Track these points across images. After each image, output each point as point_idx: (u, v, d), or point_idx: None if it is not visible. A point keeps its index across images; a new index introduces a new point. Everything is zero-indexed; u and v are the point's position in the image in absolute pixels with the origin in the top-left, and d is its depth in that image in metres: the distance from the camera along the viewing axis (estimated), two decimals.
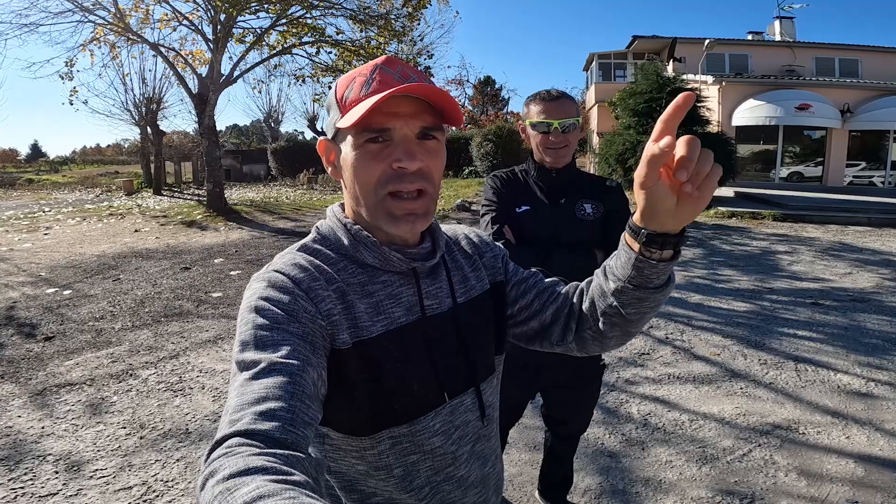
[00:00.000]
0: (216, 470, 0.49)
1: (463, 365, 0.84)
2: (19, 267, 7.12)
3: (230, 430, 0.54)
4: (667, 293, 0.76)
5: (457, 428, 0.84)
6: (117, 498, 2.29)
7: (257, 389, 0.59)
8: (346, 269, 0.79)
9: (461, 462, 0.85)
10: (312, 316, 0.71)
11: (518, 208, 1.71)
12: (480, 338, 0.88)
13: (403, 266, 0.80)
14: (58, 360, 3.86)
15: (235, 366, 0.65)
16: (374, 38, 11.45)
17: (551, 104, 1.66)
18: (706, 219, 10.50)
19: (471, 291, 0.89)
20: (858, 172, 16.96)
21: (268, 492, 0.43)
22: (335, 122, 0.76)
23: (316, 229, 0.84)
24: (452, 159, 20.89)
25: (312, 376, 0.65)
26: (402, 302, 0.80)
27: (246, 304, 0.71)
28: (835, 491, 2.29)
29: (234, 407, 0.58)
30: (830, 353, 3.82)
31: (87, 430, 2.87)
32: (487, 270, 0.93)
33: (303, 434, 0.58)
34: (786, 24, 19.73)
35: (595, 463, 2.54)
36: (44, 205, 16.37)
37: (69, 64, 10.75)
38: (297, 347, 0.66)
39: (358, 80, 0.75)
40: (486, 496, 0.91)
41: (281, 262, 0.76)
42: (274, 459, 0.50)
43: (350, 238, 0.80)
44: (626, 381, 3.41)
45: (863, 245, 8.00)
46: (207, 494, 0.46)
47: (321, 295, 0.73)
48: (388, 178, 0.74)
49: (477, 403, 0.87)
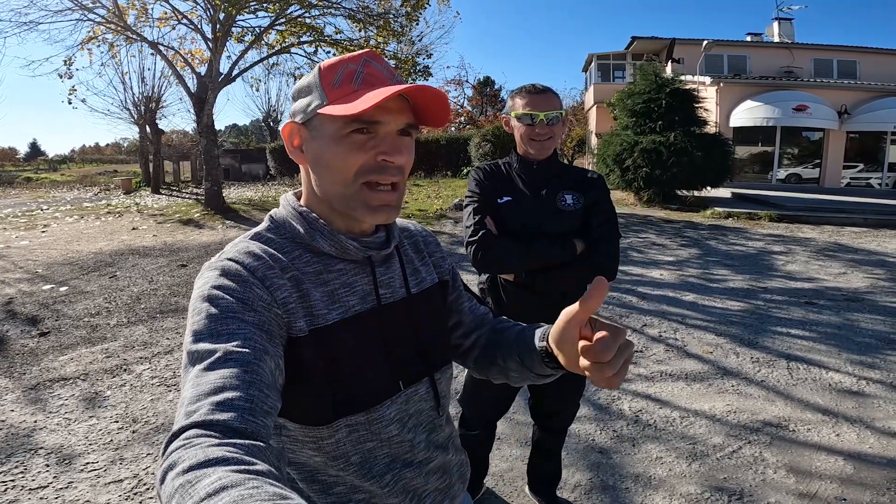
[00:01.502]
0: (175, 462, 0.47)
1: (417, 354, 0.85)
2: (16, 264, 7.12)
3: (187, 422, 0.53)
4: (547, 381, 0.87)
5: (411, 416, 0.85)
6: (108, 490, 2.30)
7: (213, 380, 0.58)
8: (300, 257, 0.78)
9: (419, 449, 0.85)
10: (268, 304, 0.70)
11: (500, 199, 1.72)
12: (433, 328, 0.90)
13: (359, 254, 0.81)
14: (52, 356, 3.86)
15: (187, 356, 0.63)
16: (373, 37, 11.45)
17: (537, 97, 1.67)
18: (703, 219, 10.52)
19: (422, 283, 0.90)
20: (856, 174, 17.00)
21: (230, 482, 0.42)
22: (314, 108, 0.75)
23: (269, 218, 0.83)
24: (451, 159, 20.91)
25: (270, 365, 0.64)
26: (357, 290, 0.80)
27: (198, 293, 0.69)
28: (824, 488, 2.30)
29: (189, 398, 0.56)
30: (823, 351, 3.84)
31: (79, 425, 2.87)
32: (435, 268, 0.95)
33: (262, 423, 0.57)
34: (784, 26, 19.78)
35: (585, 459, 2.55)
36: (42, 203, 16.36)
37: (68, 63, 10.74)
38: (253, 336, 0.65)
39: (347, 69, 0.75)
40: (450, 482, 0.91)
41: (234, 250, 0.75)
42: (234, 449, 0.49)
43: (306, 226, 0.79)
44: None
45: (858, 246, 8.02)
46: (168, 487, 0.45)
47: (276, 283, 0.73)
48: (370, 169, 0.75)
49: (432, 393, 0.87)
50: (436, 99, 0.75)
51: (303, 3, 10.60)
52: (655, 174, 11.55)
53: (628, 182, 12.13)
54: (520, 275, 1.72)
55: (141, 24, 10.86)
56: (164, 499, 0.45)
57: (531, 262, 1.66)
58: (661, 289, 5.57)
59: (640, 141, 11.85)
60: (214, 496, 0.41)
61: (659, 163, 11.46)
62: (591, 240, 1.67)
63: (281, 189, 19.05)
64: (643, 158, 11.63)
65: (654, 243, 8.12)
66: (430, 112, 0.77)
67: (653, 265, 6.69)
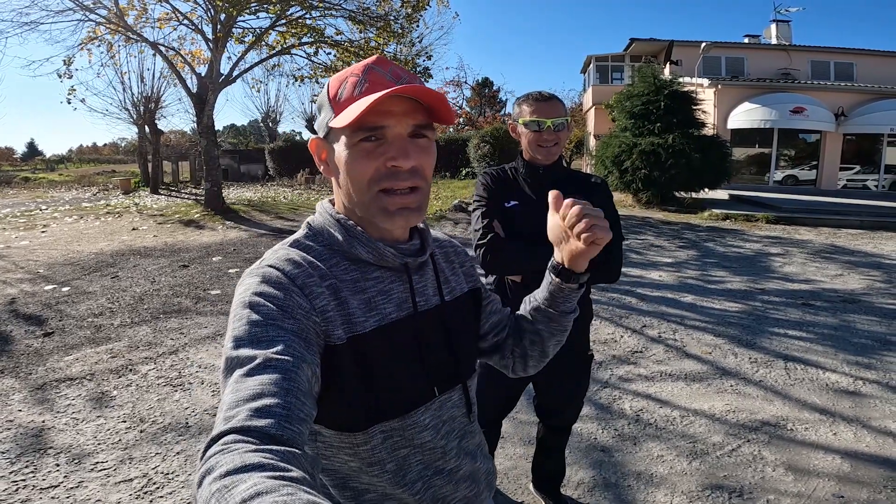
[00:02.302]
0: (213, 467, 0.48)
1: (451, 361, 0.87)
2: (17, 264, 7.13)
3: (226, 427, 0.54)
4: (570, 318, 0.97)
5: (444, 423, 0.86)
6: (118, 490, 2.33)
7: (252, 386, 0.59)
8: (338, 265, 0.79)
9: (451, 456, 0.87)
10: (307, 312, 0.71)
11: (507, 203, 1.77)
12: (465, 336, 0.92)
13: (396, 261, 0.82)
14: (57, 356, 3.89)
15: (228, 362, 0.64)
16: (374, 38, 11.49)
17: (544, 104, 1.72)
18: (701, 221, 10.58)
19: (454, 291, 0.93)
20: (852, 176, 17.08)
21: (266, 488, 0.43)
22: (328, 122, 0.77)
23: (307, 225, 0.84)
24: (450, 160, 20.96)
25: (307, 373, 0.64)
26: (393, 298, 0.82)
27: (239, 299, 0.70)
28: (821, 486, 2.35)
29: (229, 403, 0.57)
30: (820, 352, 3.89)
31: (87, 424, 2.91)
32: (466, 277, 0.98)
33: (299, 430, 0.57)
34: (782, 28, 19.87)
35: (588, 457, 2.59)
36: (40, 203, 16.34)
37: (67, 63, 10.76)
38: (292, 344, 0.65)
39: (350, 79, 0.76)
40: (478, 490, 0.93)
41: (274, 257, 0.76)
42: (271, 456, 0.50)
43: (344, 233, 0.80)
44: (619, 378, 3.47)
45: (855, 247, 8.08)
46: (205, 492, 0.46)
47: (315, 291, 0.74)
48: (382, 176, 0.75)
49: (464, 400, 0.90)
50: (431, 96, 0.74)
51: (303, 4, 10.64)
52: (654, 176, 11.61)
53: (627, 184, 12.19)
54: (527, 276, 1.76)
55: (141, 24, 10.88)
56: (201, 502, 0.45)
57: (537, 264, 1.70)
58: (660, 290, 5.62)
59: (638, 143, 11.92)
60: (249, 501, 0.42)
61: (657, 164, 11.52)
62: None
63: (280, 190, 19.08)
64: (641, 160, 11.69)
65: (653, 245, 8.18)
66: (435, 110, 0.77)
67: (651, 266, 6.74)
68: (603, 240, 0.81)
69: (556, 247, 0.91)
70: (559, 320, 0.96)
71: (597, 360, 3.77)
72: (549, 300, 0.95)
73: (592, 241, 0.81)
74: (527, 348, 1.01)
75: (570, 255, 0.89)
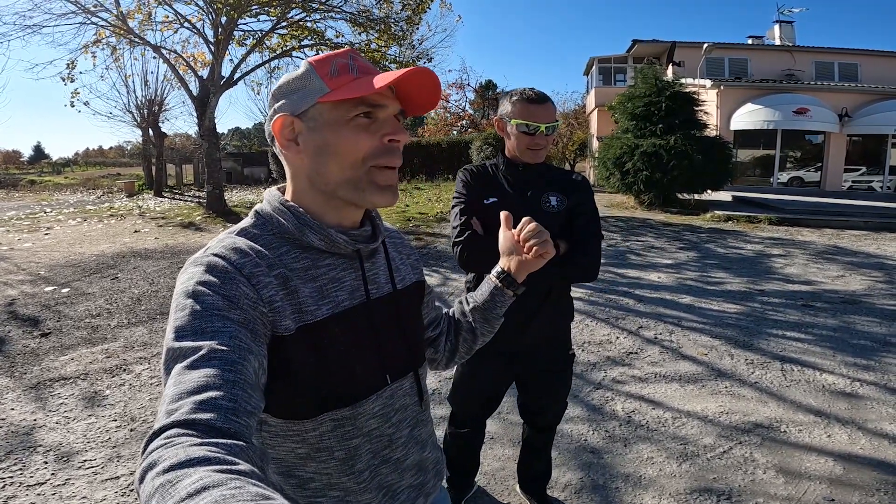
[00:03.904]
0: (156, 461, 0.46)
1: (403, 349, 0.87)
2: (19, 266, 7.17)
3: (168, 421, 0.52)
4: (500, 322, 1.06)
5: (396, 411, 0.86)
6: (104, 487, 2.34)
7: (196, 378, 0.57)
8: (288, 253, 0.78)
9: (397, 445, 0.87)
10: (253, 302, 0.69)
11: (487, 200, 1.75)
12: (415, 324, 0.93)
13: (348, 248, 0.81)
14: (53, 356, 3.90)
15: (169, 353, 0.62)
16: (374, 41, 11.51)
17: (538, 108, 1.67)
18: (702, 223, 10.53)
19: (405, 280, 0.93)
20: (857, 177, 16.98)
21: (212, 482, 0.42)
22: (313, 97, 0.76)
23: (255, 213, 0.82)
24: (453, 163, 20.95)
25: (254, 365, 0.63)
26: (346, 286, 0.81)
27: (182, 288, 0.68)
28: (812, 489, 2.32)
29: (171, 397, 0.55)
30: (818, 353, 3.85)
31: (78, 423, 2.91)
32: (412, 269, 0.98)
33: (246, 423, 0.56)
34: (785, 29, 19.80)
35: (577, 458, 2.57)
36: (45, 206, 16.46)
37: (70, 66, 10.83)
38: (238, 335, 0.64)
39: (339, 61, 0.76)
40: (425, 479, 0.93)
41: (220, 245, 0.74)
42: (216, 449, 0.48)
43: (294, 220, 0.78)
44: (612, 379, 3.45)
45: (857, 248, 8.02)
46: (148, 487, 0.44)
47: (263, 281, 0.72)
48: (380, 151, 0.77)
49: (416, 388, 0.90)
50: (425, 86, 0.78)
51: (304, 7, 10.68)
52: (656, 177, 11.56)
53: (629, 185, 12.15)
54: None
55: (144, 27, 10.94)
56: (144, 498, 0.44)
57: None
58: (659, 291, 5.59)
59: (640, 144, 11.87)
60: (196, 496, 0.40)
61: (659, 166, 11.47)
62: (575, 239, 1.71)
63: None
64: (643, 162, 11.65)
65: (653, 246, 8.14)
66: (413, 101, 0.80)
67: (651, 268, 6.70)
68: (548, 255, 0.96)
69: (503, 256, 1.02)
70: (492, 322, 1.05)
71: (591, 361, 3.75)
72: (489, 302, 1.03)
73: (539, 255, 0.96)
74: (458, 345, 1.08)
75: (516, 266, 1.00)
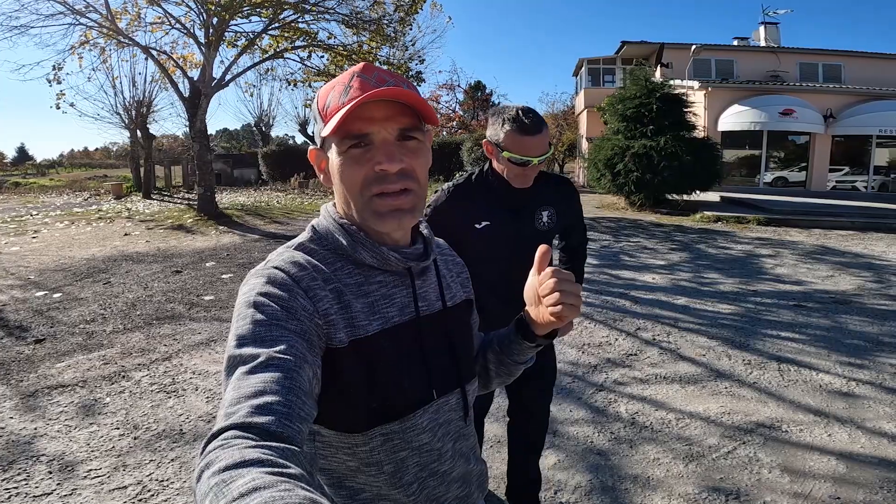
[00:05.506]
0: (212, 462, 0.49)
1: (451, 365, 0.88)
2: (7, 270, 7.06)
3: (226, 423, 0.55)
4: (521, 368, 1.00)
5: (441, 425, 0.87)
6: (112, 497, 2.31)
7: (254, 383, 0.59)
8: (342, 269, 0.80)
9: (445, 458, 0.88)
10: (310, 314, 0.72)
11: (478, 224, 1.69)
12: (465, 341, 0.93)
13: (399, 265, 0.83)
14: (49, 363, 3.85)
15: (230, 360, 0.65)
16: (366, 42, 11.50)
17: (533, 140, 1.59)
18: (692, 223, 10.64)
19: (455, 297, 0.94)
20: (842, 177, 17.26)
21: (263, 483, 0.44)
22: (320, 132, 0.80)
23: (312, 228, 0.85)
24: (443, 164, 20.97)
25: (308, 373, 0.65)
26: (396, 302, 0.83)
27: (244, 298, 0.71)
28: (818, 487, 2.36)
29: (230, 400, 0.58)
30: (812, 353, 3.92)
31: (80, 431, 2.88)
32: (461, 287, 0.99)
33: (298, 429, 0.58)
34: (770, 30, 20.08)
35: (584, 461, 2.59)
36: (31, 208, 16.20)
37: (56, 68, 10.68)
38: (295, 344, 0.66)
39: (337, 88, 0.77)
40: (469, 491, 0.94)
41: (279, 259, 0.77)
42: (269, 452, 0.50)
43: (348, 238, 0.81)
44: (614, 381, 3.48)
45: (845, 248, 8.16)
46: (203, 486, 0.46)
47: (319, 294, 0.75)
48: (372, 180, 0.76)
49: (461, 403, 0.91)
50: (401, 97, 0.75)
51: (296, 8, 10.63)
52: (647, 178, 11.67)
53: (619, 186, 12.24)
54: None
55: (133, 28, 10.82)
56: (199, 497, 0.46)
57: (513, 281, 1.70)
58: (654, 292, 5.64)
59: (631, 145, 11.97)
60: (247, 496, 0.42)
61: (650, 167, 11.58)
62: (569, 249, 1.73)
63: (273, 194, 19.01)
64: (634, 163, 11.75)
65: (646, 247, 8.22)
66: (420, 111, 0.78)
67: (644, 269, 6.77)
68: (568, 318, 0.80)
69: (528, 304, 0.90)
70: (509, 366, 0.99)
71: (591, 363, 3.78)
72: (506, 346, 0.96)
73: (558, 316, 0.80)
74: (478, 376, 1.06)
75: (535, 317, 0.88)
